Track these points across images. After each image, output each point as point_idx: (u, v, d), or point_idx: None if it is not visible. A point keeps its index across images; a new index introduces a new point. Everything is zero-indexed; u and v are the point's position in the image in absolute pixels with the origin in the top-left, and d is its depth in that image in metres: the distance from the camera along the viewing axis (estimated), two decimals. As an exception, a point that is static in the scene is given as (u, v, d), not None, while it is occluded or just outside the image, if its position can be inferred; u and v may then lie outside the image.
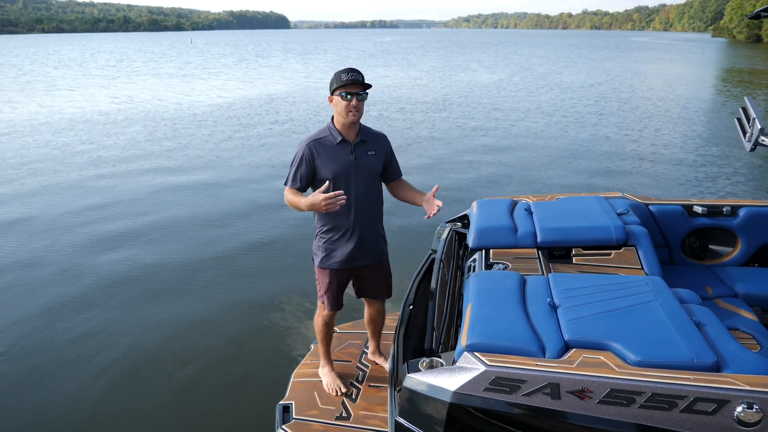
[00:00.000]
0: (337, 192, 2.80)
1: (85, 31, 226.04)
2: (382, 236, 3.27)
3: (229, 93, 23.12)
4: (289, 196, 2.99)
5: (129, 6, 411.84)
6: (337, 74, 2.93)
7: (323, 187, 2.83)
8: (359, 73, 2.92)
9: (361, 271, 3.22)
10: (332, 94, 2.95)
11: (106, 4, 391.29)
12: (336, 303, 3.24)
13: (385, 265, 3.32)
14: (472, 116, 16.26)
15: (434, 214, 3.01)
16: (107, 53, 58.58)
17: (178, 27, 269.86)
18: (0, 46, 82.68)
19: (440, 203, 2.98)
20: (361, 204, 3.05)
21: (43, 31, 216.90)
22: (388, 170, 3.19)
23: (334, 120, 3.02)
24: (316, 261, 3.18)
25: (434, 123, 15.16)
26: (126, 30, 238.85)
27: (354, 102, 2.90)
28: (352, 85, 2.89)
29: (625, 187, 8.94)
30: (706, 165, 10.49)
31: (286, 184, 3.03)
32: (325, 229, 3.10)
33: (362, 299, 3.43)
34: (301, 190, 3.01)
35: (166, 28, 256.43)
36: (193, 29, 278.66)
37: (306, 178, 3.00)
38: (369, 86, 2.95)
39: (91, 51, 64.13)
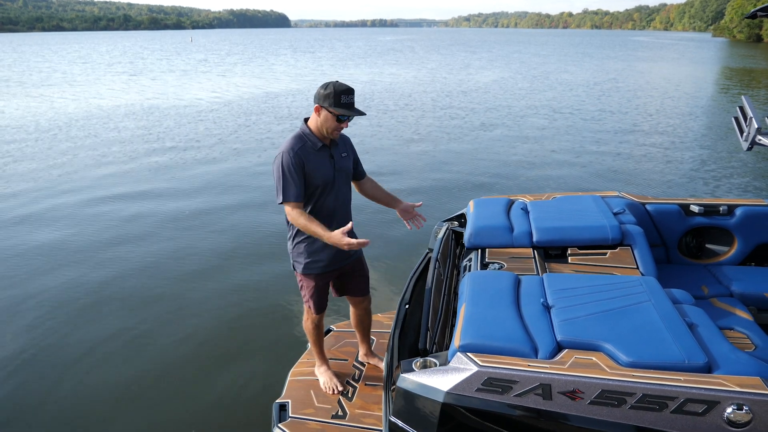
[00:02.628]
0: (361, 241, 2.73)
1: (85, 30, 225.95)
2: (354, 233, 3.22)
3: (258, 88, 23.56)
4: (302, 219, 2.84)
5: (129, 4, 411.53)
6: (336, 93, 2.80)
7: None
8: (353, 93, 2.87)
9: (343, 269, 3.23)
10: (322, 107, 2.84)
11: (106, 2, 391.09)
12: (322, 305, 3.26)
13: (362, 260, 3.35)
14: (477, 114, 16.24)
15: (419, 227, 3.23)
16: (116, 51, 58.85)
17: (178, 25, 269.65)
18: (5, 44, 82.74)
19: (421, 224, 3.22)
20: (340, 207, 3.07)
21: (43, 29, 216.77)
22: (356, 169, 3.21)
23: (311, 126, 2.93)
24: (299, 268, 3.13)
25: (438, 121, 15.15)
26: (126, 28, 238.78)
27: (345, 125, 2.90)
28: (349, 109, 2.84)
29: (622, 186, 8.94)
30: (703, 164, 10.48)
31: (285, 200, 2.86)
32: (306, 234, 3.02)
33: (348, 301, 3.45)
34: (301, 200, 2.89)
35: (166, 27, 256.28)
36: (194, 28, 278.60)
37: (301, 187, 2.87)
38: (362, 113, 2.94)
39: (99, 49, 64.17)
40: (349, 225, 2.79)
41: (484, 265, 3.11)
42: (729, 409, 1.93)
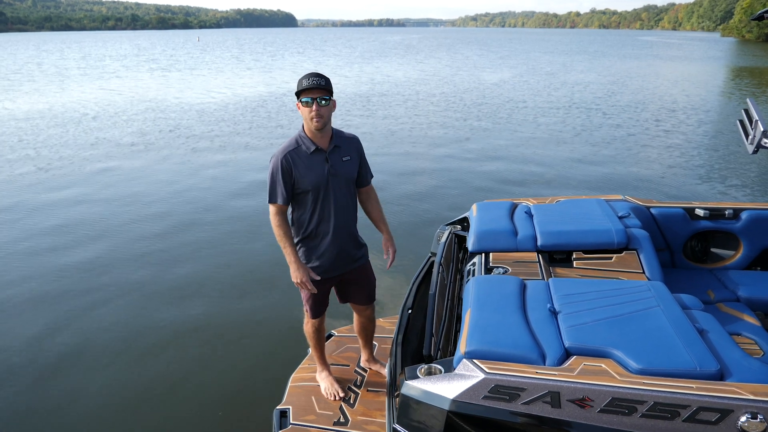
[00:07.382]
0: (312, 288, 2.96)
1: (94, 29, 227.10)
2: (360, 240, 3.18)
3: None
4: (279, 231, 2.89)
5: (137, 4, 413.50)
6: (300, 80, 2.80)
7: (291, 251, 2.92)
8: (322, 77, 2.79)
9: (344, 276, 3.15)
10: (297, 99, 2.82)
11: (114, 2, 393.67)
12: (319, 311, 3.20)
13: (367, 268, 3.24)
14: (482, 113, 16.19)
15: (387, 267, 3.22)
16: (138, 49, 59.46)
17: (185, 25, 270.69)
18: (26, 43, 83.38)
19: (388, 266, 3.20)
20: (339, 212, 2.95)
21: (52, 28, 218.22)
22: (360, 174, 3.08)
23: (305, 128, 2.89)
24: None
25: (442, 121, 15.13)
26: (134, 28, 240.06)
27: (315, 107, 2.76)
28: (313, 90, 2.76)
29: (627, 189, 8.85)
30: (708, 167, 10.37)
31: (270, 201, 2.89)
32: (304, 239, 3.00)
33: (351, 307, 3.37)
34: (286, 203, 2.90)
35: (174, 26, 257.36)
36: (201, 27, 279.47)
37: (288, 191, 2.87)
38: (331, 92, 2.82)
39: (119, 48, 64.58)
40: (316, 276, 2.99)
41: (488, 270, 3.06)
42: (743, 418, 1.88)
